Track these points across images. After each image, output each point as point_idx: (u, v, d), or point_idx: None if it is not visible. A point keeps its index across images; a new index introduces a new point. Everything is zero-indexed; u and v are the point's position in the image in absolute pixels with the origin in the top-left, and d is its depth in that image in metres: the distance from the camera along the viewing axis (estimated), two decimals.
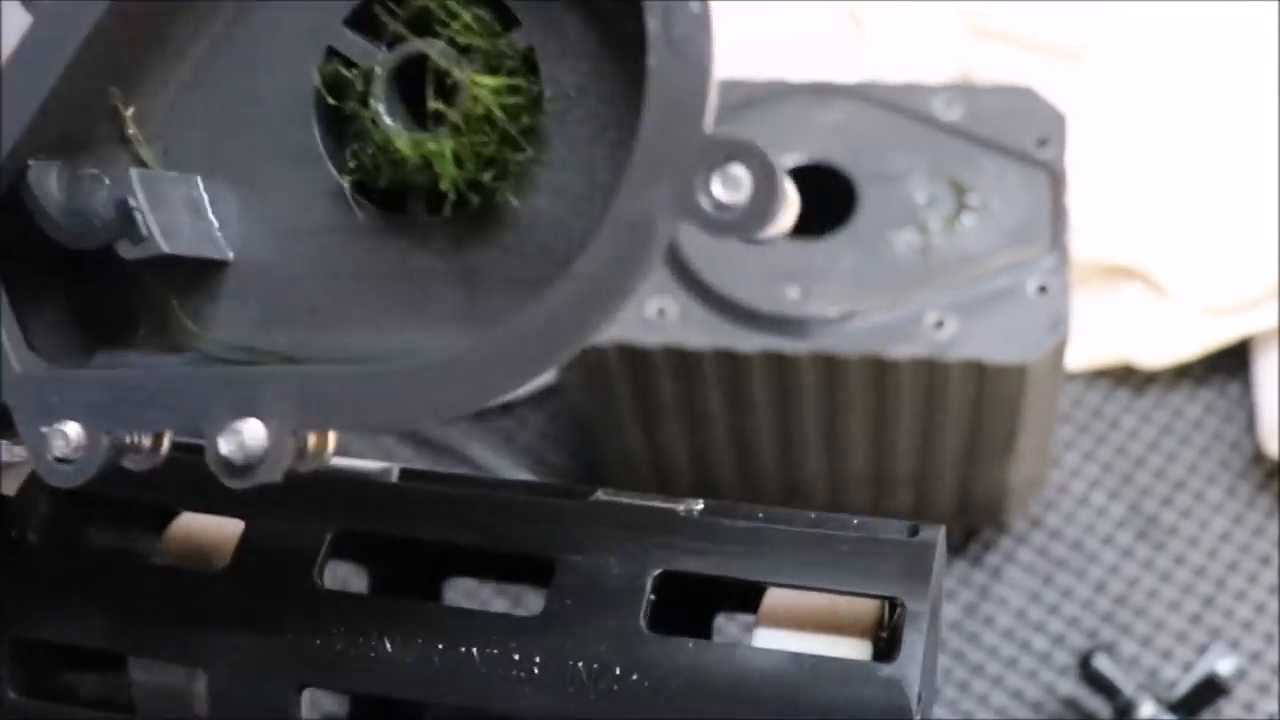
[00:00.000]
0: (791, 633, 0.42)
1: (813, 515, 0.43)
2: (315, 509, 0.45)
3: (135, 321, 0.42)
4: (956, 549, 0.81)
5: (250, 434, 0.36)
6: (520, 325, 0.35)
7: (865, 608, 0.42)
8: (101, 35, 0.38)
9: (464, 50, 0.37)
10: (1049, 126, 0.70)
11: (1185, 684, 0.71)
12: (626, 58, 0.36)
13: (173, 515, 0.49)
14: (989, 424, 0.69)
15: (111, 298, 0.41)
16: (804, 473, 0.74)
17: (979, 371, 0.65)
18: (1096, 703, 0.75)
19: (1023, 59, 0.90)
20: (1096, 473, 0.83)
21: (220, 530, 0.47)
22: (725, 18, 0.37)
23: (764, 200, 0.33)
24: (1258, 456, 0.82)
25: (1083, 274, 0.82)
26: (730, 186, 0.33)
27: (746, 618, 0.43)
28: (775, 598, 0.43)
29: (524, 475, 0.81)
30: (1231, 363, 0.85)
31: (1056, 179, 0.69)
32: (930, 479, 0.74)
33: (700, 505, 0.44)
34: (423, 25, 0.37)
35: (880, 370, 0.66)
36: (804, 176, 0.70)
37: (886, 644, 0.41)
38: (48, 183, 0.39)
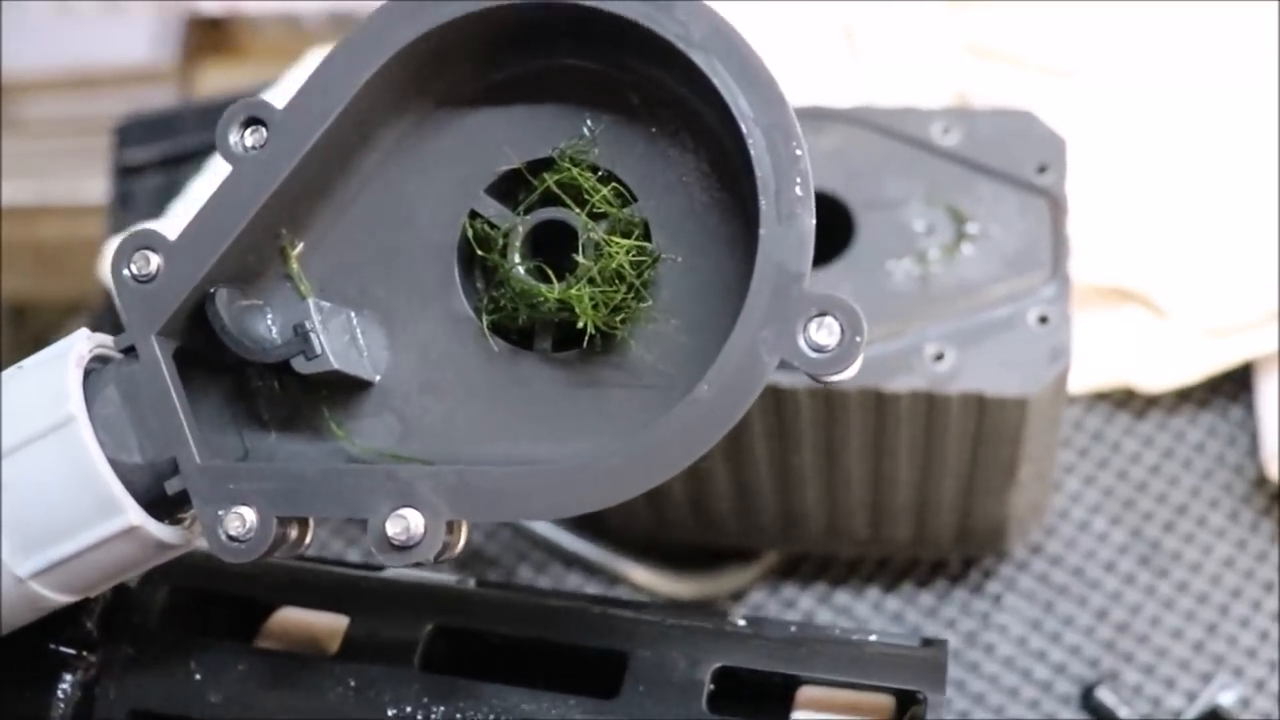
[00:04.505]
0: (825, 715, 0.48)
1: (838, 629, 0.52)
2: (411, 608, 0.50)
3: (283, 416, 0.47)
4: (956, 577, 0.80)
5: (413, 521, 0.42)
6: (646, 441, 0.40)
7: (884, 701, 0.48)
8: (282, 188, 0.44)
9: (596, 218, 0.44)
10: (1049, 152, 0.69)
11: (1188, 717, 0.70)
12: (722, 228, 0.43)
13: (270, 610, 0.54)
14: (990, 455, 0.68)
15: (262, 398, 0.47)
16: (803, 504, 0.73)
17: (979, 404, 0.64)
18: None
19: (1021, 79, 0.89)
20: (1098, 498, 0.82)
21: (317, 624, 0.52)
22: None
23: (851, 346, 0.40)
24: (1261, 481, 0.81)
25: (1082, 296, 0.81)
26: (825, 333, 0.40)
27: None
28: (809, 689, 0.49)
29: None
30: (1233, 386, 0.84)
31: (1057, 206, 0.68)
32: (930, 509, 0.73)
33: (743, 621, 0.51)
34: (549, 196, 0.45)
35: (879, 403, 0.65)
36: None
37: None
38: (226, 307, 0.44)
